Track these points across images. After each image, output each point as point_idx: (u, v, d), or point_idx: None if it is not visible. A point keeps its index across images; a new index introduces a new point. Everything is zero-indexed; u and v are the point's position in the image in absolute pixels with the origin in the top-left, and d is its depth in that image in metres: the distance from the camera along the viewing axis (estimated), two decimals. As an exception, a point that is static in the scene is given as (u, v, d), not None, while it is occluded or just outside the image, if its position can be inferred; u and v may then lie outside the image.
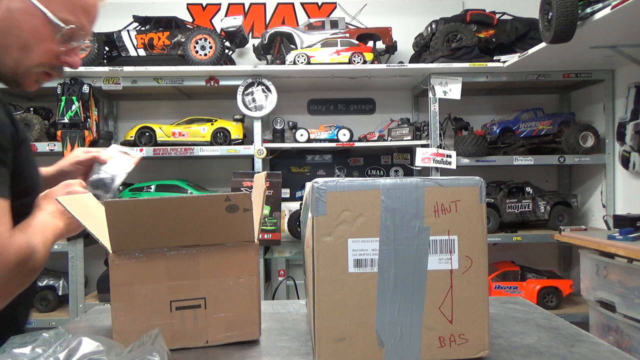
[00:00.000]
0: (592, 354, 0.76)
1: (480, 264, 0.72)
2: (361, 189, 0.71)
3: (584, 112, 3.01)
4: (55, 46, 0.92)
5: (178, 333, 0.79)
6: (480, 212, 0.72)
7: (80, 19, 0.93)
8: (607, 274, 2.08)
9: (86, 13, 0.94)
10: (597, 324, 2.19)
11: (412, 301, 0.71)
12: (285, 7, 3.26)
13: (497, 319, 0.95)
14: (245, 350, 0.80)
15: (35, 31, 0.89)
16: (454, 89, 2.68)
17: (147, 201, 0.75)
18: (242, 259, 0.81)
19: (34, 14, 0.89)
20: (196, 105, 3.22)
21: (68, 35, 0.92)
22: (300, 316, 0.99)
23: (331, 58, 2.70)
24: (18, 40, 0.89)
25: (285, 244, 2.86)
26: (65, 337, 0.61)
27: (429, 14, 3.01)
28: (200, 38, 2.69)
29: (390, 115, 3.14)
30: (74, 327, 0.91)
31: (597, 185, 2.86)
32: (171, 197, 0.75)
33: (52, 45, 0.92)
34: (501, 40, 2.73)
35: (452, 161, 2.67)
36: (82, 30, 0.94)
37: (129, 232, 0.75)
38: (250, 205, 0.78)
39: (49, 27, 0.90)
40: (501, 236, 2.68)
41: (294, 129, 2.85)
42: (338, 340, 0.71)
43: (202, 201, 0.76)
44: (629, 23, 1.87)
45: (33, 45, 0.90)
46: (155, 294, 0.78)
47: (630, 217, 2.18)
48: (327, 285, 0.70)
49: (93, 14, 0.97)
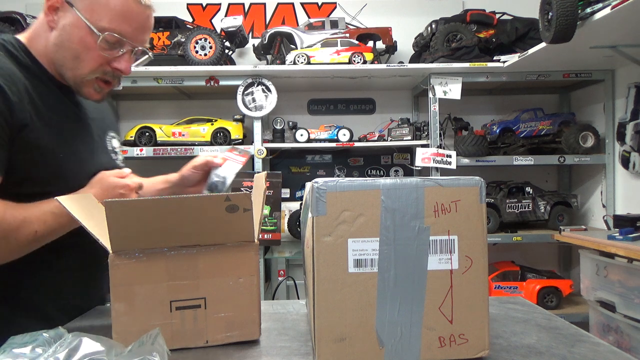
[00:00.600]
0: (592, 354, 0.76)
1: (480, 264, 0.72)
2: (361, 189, 0.71)
3: (584, 112, 3.01)
4: (102, 54, 1.01)
5: (178, 333, 0.79)
6: (480, 212, 0.72)
7: (121, 27, 1.00)
8: (607, 274, 2.08)
9: (128, 21, 1.01)
10: (597, 324, 2.19)
11: (412, 301, 0.71)
12: (285, 7, 3.26)
13: (497, 319, 0.95)
14: (245, 350, 0.80)
15: (82, 41, 0.99)
16: (454, 89, 2.68)
17: (147, 201, 0.75)
18: (242, 259, 0.81)
19: (81, 26, 0.98)
20: (196, 105, 3.22)
21: (109, 42, 1.00)
22: (300, 316, 0.99)
23: (331, 58, 2.70)
24: (71, 52, 1.00)
25: (285, 244, 2.86)
26: (65, 337, 0.61)
27: (429, 14, 3.01)
28: (200, 38, 2.69)
29: (390, 115, 3.14)
30: (74, 327, 0.91)
31: (597, 185, 2.86)
32: (171, 197, 0.75)
33: (99, 53, 1.00)
34: (501, 40, 2.73)
35: (452, 161, 2.67)
36: (123, 37, 1.01)
37: (129, 232, 0.75)
38: (250, 205, 0.78)
39: (93, 36, 0.99)
40: (501, 236, 2.68)
41: (294, 129, 2.85)
42: (338, 340, 0.71)
43: (202, 201, 0.76)
44: (629, 23, 1.87)
45: (83, 55, 1.00)
46: (155, 294, 0.78)
47: (630, 217, 2.18)
48: (327, 285, 0.70)
49: (137, 21, 1.03)
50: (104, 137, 1.21)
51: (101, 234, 0.80)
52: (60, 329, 0.65)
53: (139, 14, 1.03)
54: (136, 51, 1.08)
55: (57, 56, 1.02)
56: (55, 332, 0.64)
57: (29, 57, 1.03)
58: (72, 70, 1.02)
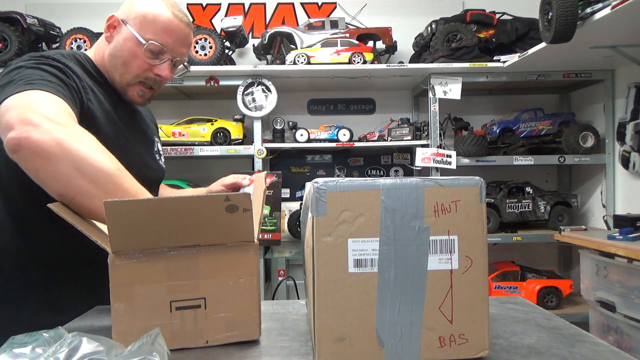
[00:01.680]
0: (592, 354, 0.76)
1: (480, 264, 0.72)
2: (361, 189, 0.71)
3: (584, 112, 3.01)
4: (146, 62, 1.18)
5: (178, 333, 0.79)
6: (480, 212, 0.72)
7: (163, 39, 1.18)
8: (607, 274, 2.08)
9: (170, 34, 1.18)
10: (597, 324, 2.19)
11: (412, 301, 0.71)
12: (285, 7, 3.26)
13: (497, 319, 0.95)
14: (245, 351, 0.80)
15: (131, 51, 1.17)
16: (454, 89, 2.68)
17: (147, 201, 0.75)
18: (242, 259, 0.81)
19: (131, 39, 1.17)
20: (196, 105, 3.21)
21: (152, 51, 1.18)
22: (300, 316, 0.99)
23: (331, 58, 2.70)
24: (121, 59, 1.18)
25: (285, 244, 2.86)
26: (65, 337, 0.61)
27: (429, 14, 3.00)
28: (200, 38, 2.69)
29: (390, 115, 3.14)
30: (74, 327, 0.91)
31: (597, 185, 2.86)
32: (171, 197, 0.75)
33: (143, 60, 1.18)
34: (501, 40, 2.73)
35: (452, 161, 2.67)
36: (165, 47, 1.18)
37: (129, 232, 0.75)
38: (250, 205, 0.77)
39: (140, 46, 1.17)
40: (501, 236, 2.68)
41: (294, 129, 2.85)
42: (338, 340, 0.71)
43: (202, 201, 0.76)
44: (629, 23, 1.87)
45: (130, 62, 1.18)
46: (155, 294, 0.78)
47: (630, 217, 2.18)
48: (327, 285, 0.70)
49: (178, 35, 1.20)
50: (153, 140, 1.38)
51: (100, 235, 0.80)
52: (60, 329, 0.65)
53: (180, 30, 1.20)
54: (176, 62, 1.24)
55: (110, 64, 1.20)
56: (55, 332, 0.64)
57: (93, 67, 1.21)
58: (121, 75, 1.20)
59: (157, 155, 1.38)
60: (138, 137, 1.29)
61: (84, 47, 2.67)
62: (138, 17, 1.17)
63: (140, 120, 1.35)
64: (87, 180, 0.87)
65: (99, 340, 0.60)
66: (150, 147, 1.35)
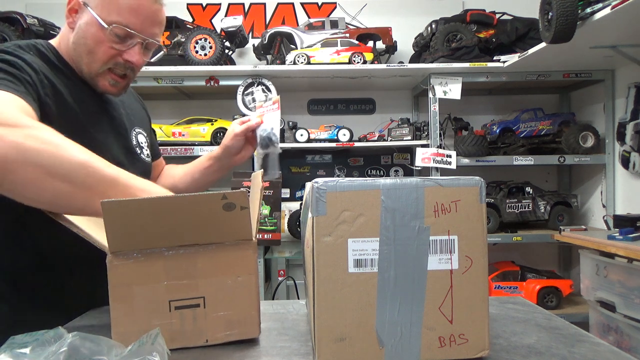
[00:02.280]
0: (592, 354, 0.76)
1: (480, 264, 0.72)
2: (361, 189, 0.71)
3: (584, 112, 3.01)
4: (112, 47, 1.07)
5: (177, 333, 0.79)
6: (480, 212, 0.72)
7: (128, 20, 1.05)
8: (607, 274, 2.08)
9: (135, 14, 1.06)
10: (597, 324, 2.19)
11: (412, 301, 0.71)
12: (285, 7, 3.26)
13: (497, 319, 0.95)
14: (245, 351, 0.80)
15: (94, 36, 1.05)
16: (454, 89, 2.68)
17: (144, 201, 0.75)
18: (241, 257, 0.81)
19: (93, 23, 1.04)
20: (196, 105, 3.21)
21: (118, 34, 1.06)
22: (300, 316, 0.99)
23: (331, 58, 2.70)
24: (85, 47, 1.07)
25: (285, 244, 2.86)
26: (65, 337, 0.61)
27: (429, 14, 3.01)
28: (200, 38, 2.69)
29: (390, 115, 3.14)
30: (74, 327, 0.91)
31: (597, 185, 2.86)
32: (168, 196, 0.75)
33: (109, 46, 1.06)
34: (501, 40, 2.73)
35: (452, 161, 2.67)
36: (131, 29, 1.06)
37: (127, 232, 0.75)
38: (247, 203, 0.77)
39: (104, 30, 1.04)
40: (501, 236, 2.68)
41: (294, 129, 2.85)
42: (338, 340, 0.71)
43: (199, 200, 0.76)
44: (629, 23, 1.87)
45: (95, 49, 1.07)
46: (154, 294, 0.78)
47: (630, 217, 2.18)
48: (327, 285, 0.70)
49: (145, 14, 1.08)
50: (130, 132, 1.26)
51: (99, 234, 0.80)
52: (60, 329, 0.64)
53: (147, 7, 1.08)
54: (147, 45, 1.12)
55: (75, 53, 1.09)
56: (55, 332, 0.64)
57: (57, 57, 1.10)
58: (87, 64, 1.09)
59: (138, 149, 1.27)
60: (111, 133, 1.18)
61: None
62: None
63: (115, 113, 1.22)
64: (60, 180, 0.80)
65: (99, 340, 0.60)
66: (125, 141, 1.23)
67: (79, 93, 1.10)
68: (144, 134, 1.33)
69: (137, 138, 1.28)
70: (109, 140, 1.16)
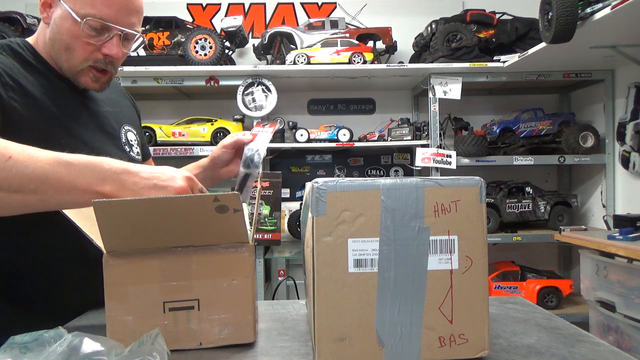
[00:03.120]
0: (592, 354, 0.76)
1: (480, 264, 0.72)
2: (361, 189, 0.71)
3: (584, 112, 3.01)
4: (89, 42, 1.02)
5: (171, 334, 0.78)
6: (480, 212, 0.72)
7: (102, 11, 0.99)
8: (607, 274, 2.08)
9: (107, 4, 1.00)
10: (597, 324, 2.19)
11: (412, 301, 0.71)
12: (285, 7, 3.26)
13: (497, 319, 0.95)
14: (245, 351, 0.80)
15: (69, 31, 1.00)
16: (454, 89, 2.68)
17: (135, 201, 0.74)
18: (236, 260, 0.80)
19: (67, 17, 0.99)
20: (196, 105, 3.22)
21: (94, 27, 1.00)
22: (300, 316, 0.99)
23: (331, 58, 2.70)
24: (62, 44, 1.02)
25: (285, 244, 2.86)
26: (65, 337, 0.61)
27: (429, 14, 3.01)
28: (200, 38, 2.69)
29: (390, 115, 3.14)
30: (74, 327, 0.91)
31: (597, 185, 2.86)
32: (159, 198, 0.75)
33: (86, 41, 1.01)
34: (501, 40, 2.73)
35: (452, 161, 2.67)
36: (106, 21, 1.00)
37: (120, 233, 0.75)
38: (241, 206, 0.76)
39: (78, 25, 0.99)
40: (501, 236, 2.68)
41: (294, 129, 2.85)
42: (338, 340, 0.71)
43: (191, 201, 0.75)
44: (629, 23, 1.87)
45: (72, 45, 1.02)
46: (148, 294, 0.77)
47: (630, 217, 2.18)
48: (327, 285, 0.70)
49: (119, 4, 1.01)
50: (118, 129, 1.22)
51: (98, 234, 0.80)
52: (60, 329, 0.64)
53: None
54: (126, 35, 1.06)
55: (53, 50, 1.05)
56: (55, 332, 0.64)
57: (34, 55, 1.06)
58: (67, 61, 1.04)
59: (127, 147, 1.23)
60: (97, 129, 1.14)
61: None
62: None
63: (100, 109, 1.18)
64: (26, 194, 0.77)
65: (99, 340, 0.60)
66: (113, 138, 1.19)
67: (56, 91, 1.06)
68: (134, 132, 1.29)
69: (127, 135, 1.24)
70: (96, 137, 1.13)
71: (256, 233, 0.85)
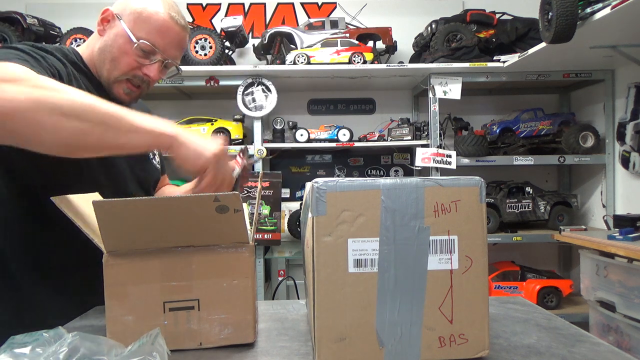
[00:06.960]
0: (592, 354, 0.76)
1: (480, 264, 0.72)
2: (361, 189, 0.71)
3: (584, 112, 3.01)
4: (136, 60, 1.15)
5: (171, 334, 0.78)
6: (480, 212, 0.72)
7: (156, 39, 1.15)
8: (607, 274, 2.08)
9: (163, 36, 1.16)
10: (597, 324, 2.19)
11: (412, 301, 0.71)
12: (285, 7, 3.26)
13: (497, 319, 0.95)
14: (245, 351, 0.80)
15: (120, 47, 1.14)
16: (454, 89, 2.68)
17: (135, 201, 0.74)
18: (236, 260, 0.80)
19: (123, 35, 1.14)
20: (196, 105, 3.22)
21: (144, 50, 1.15)
22: (300, 316, 0.99)
23: (331, 58, 2.70)
24: (110, 55, 1.15)
25: (285, 244, 2.86)
26: (65, 337, 0.61)
27: (429, 14, 3.01)
28: (200, 38, 2.69)
29: (390, 115, 3.14)
30: (74, 327, 0.91)
31: (597, 185, 2.86)
32: (159, 198, 0.75)
33: (133, 59, 1.15)
34: (501, 40, 2.73)
35: (452, 161, 2.67)
36: (156, 47, 1.15)
37: (120, 233, 0.75)
38: (241, 206, 0.76)
39: (131, 44, 1.13)
40: (501, 236, 2.68)
41: (294, 129, 2.85)
42: (338, 340, 0.71)
43: (191, 201, 0.75)
44: (629, 23, 1.87)
45: (119, 58, 1.15)
46: (148, 294, 0.77)
47: (630, 217, 2.18)
48: (327, 285, 0.70)
49: (171, 37, 1.17)
50: None
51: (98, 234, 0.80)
52: (60, 329, 0.64)
53: (175, 32, 1.18)
54: (167, 64, 1.21)
55: (99, 58, 1.17)
56: (55, 332, 0.64)
57: (80, 60, 1.18)
58: (108, 70, 1.17)
59: (151, 154, 1.35)
60: None
61: (84, 47, 2.67)
62: (133, 14, 1.14)
63: None
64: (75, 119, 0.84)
65: (99, 340, 0.60)
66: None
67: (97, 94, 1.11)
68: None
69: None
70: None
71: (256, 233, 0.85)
